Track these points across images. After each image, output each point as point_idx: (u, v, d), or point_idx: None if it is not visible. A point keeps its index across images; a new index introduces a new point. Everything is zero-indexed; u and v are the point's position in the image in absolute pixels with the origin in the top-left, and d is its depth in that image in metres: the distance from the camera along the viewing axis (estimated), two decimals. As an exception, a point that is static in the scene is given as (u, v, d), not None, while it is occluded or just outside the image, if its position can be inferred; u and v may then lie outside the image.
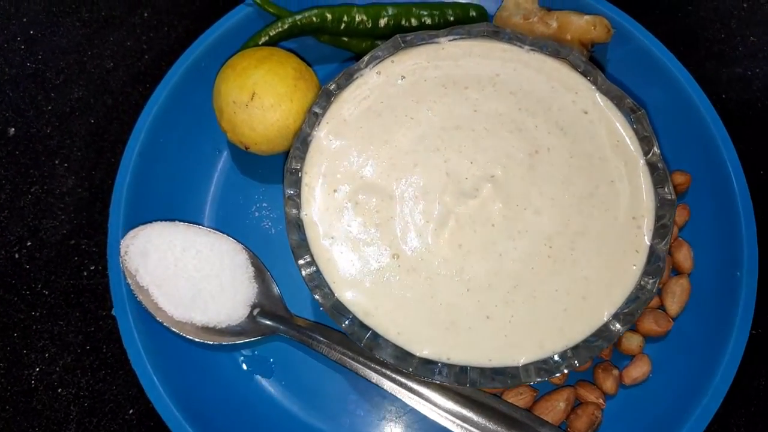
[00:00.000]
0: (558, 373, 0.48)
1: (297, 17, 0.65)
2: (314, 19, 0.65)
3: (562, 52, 0.56)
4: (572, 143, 0.54)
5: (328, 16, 0.65)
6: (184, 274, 0.58)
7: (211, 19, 0.72)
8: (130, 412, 0.59)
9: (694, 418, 0.54)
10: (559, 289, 0.50)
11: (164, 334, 0.57)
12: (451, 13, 0.67)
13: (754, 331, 0.61)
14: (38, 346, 0.61)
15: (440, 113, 0.55)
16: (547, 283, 0.50)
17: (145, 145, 0.61)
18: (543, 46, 0.56)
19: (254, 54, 0.60)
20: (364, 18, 0.66)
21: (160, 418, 0.54)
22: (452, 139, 0.54)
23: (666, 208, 0.52)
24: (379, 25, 0.66)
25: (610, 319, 0.49)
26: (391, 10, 0.66)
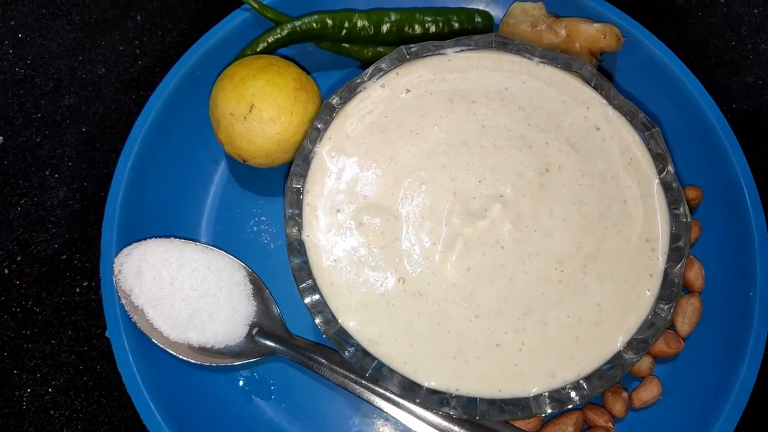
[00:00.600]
0: (571, 405, 0.46)
1: (296, 23, 0.62)
2: (314, 25, 0.63)
3: (574, 64, 0.54)
4: (584, 161, 0.52)
5: (329, 23, 0.63)
6: (180, 293, 0.56)
7: (207, 23, 0.70)
8: (125, 434, 0.58)
9: (707, 444, 0.52)
10: (570, 315, 0.48)
11: (160, 356, 0.55)
12: (455, 19, 0.65)
13: (768, 353, 0.59)
14: (29, 366, 0.59)
15: (447, 129, 0.53)
16: (558, 310, 0.48)
17: (139, 158, 0.59)
18: (553, 59, 0.54)
19: (252, 63, 0.58)
20: (366, 24, 0.64)
21: (157, 443, 0.52)
22: (459, 156, 0.52)
23: (681, 230, 0.50)
24: (382, 31, 0.64)
25: (624, 347, 0.48)
26: (393, 16, 0.64)
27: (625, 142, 0.52)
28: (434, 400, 0.47)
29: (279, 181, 0.62)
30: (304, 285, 0.49)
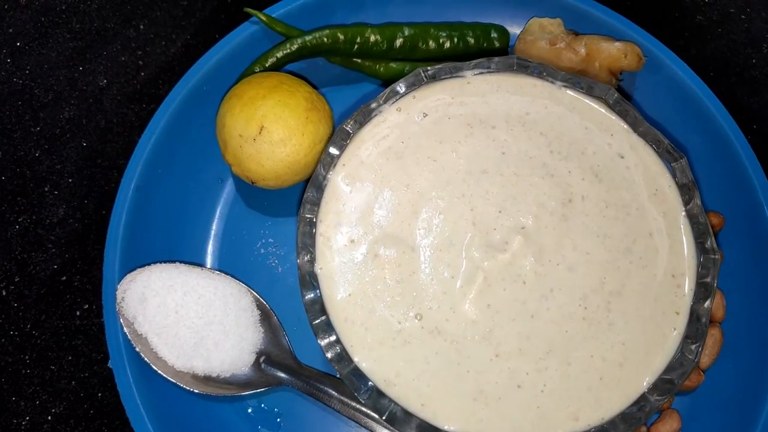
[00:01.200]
0: (594, 450, 0.45)
1: (307, 38, 0.60)
2: (325, 40, 0.60)
3: (597, 89, 0.52)
4: (608, 191, 0.50)
5: (341, 37, 0.61)
6: (186, 321, 0.54)
7: (212, 33, 0.68)
8: (128, 464, 0.56)
9: (729, 482, 0.51)
10: (594, 355, 0.46)
11: (164, 386, 0.53)
12: (471, 34, 0.63)
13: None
14: (28, 393, 0.57)
15: (466, 155, 0.51)
16: (581, 349, 0.47)
17: (143, 178, 0.57)
18: (576, 83, 0.52)
19: (262, 82, 0.56)
20: (379, 39, 0.61)
21: (161, 478, 0.51)
22: (479, 185, 0.50)
23: (708, 265, 0.48)
24: (395, 46, 0.62)
25: (649, 389, 0.46)
26: (407, 31, 0.62)
27: (651, 171, 0.50)
28: (453, 444, 0.45)
29: (288, 201, 0.60)
30: (318, 321, 0.47)
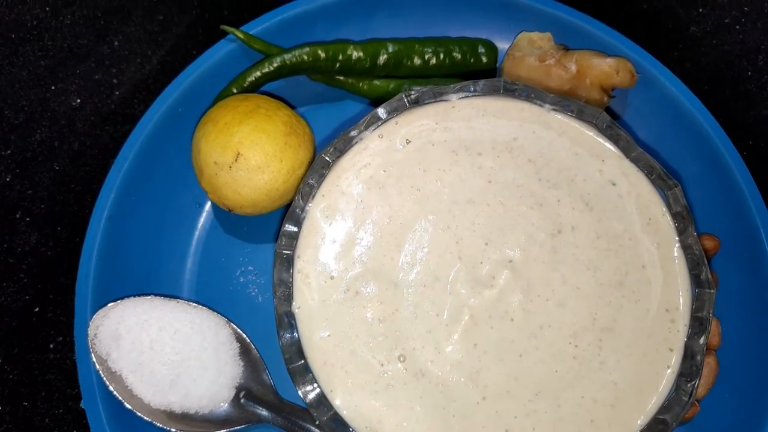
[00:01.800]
0: (585, 498, 0.43)
1: (286, 57, 0.58)
2: (306, 58, 0.58)
3: (587, 112, 0.50)
4: (599, 221, 0.48)
5: (322, 55, 0.58)
6: (161, 357, 0.52)
7: (189, 49, 0.66)
8: (104, 504, 0.54)
9: None
10: (585, 396, 0.45)
11: (140, 424, 0.51)
12: (457, 49, 0.61)
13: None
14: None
15: (451, 184, 0.49)
16: (572, 389, 0.45)
17: (115, 207, 0.55)
18: (566, 106, 0.50)
19: (238, 106, 0.53)
20: (362, 56, 0.59)
21: None
22: (464, 216, 0.48)
23: (703, 299, 0.46)
24: (378, 63, 0.59)
25: (643, 430, 0.44)
26: (391, 47, 0.60)
27: (644, 199, 0.48)
28: (439, 493, 0.43)
29: (268, 226, 0.58)
30: (295, 365, 0.44)
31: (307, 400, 0.44)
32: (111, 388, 0.51)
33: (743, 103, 0.66)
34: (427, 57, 0.60)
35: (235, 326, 0.54)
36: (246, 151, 0.51)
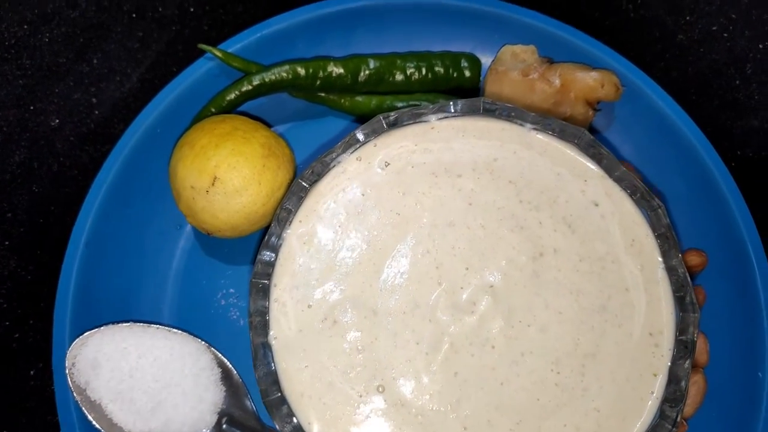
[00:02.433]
0: None
1: (265, 75, 0.57)
2: (285, 75, 0.57)
3: (569, 131, 0.49)
4: (581, 243, 0.47)
5: (301, 72, 0.57)
6: (141, 385, 0.51)
7: (169, 66, 0.65)
8: None
9: None
10: (567, 424, 0.44)
11: (121, 453, 0.50)
12: (440, 64, 0.60)
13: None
14: (-20, 460, 0.55)
15: (430, 208, 0.48)
16: (554, 418, 0.44)
17: (93, 232, 0.54)
18: (547, 125, 0.49)
19: (214, 129, 0.52)
20: (343, 72, 0.58)
21: None
22: (444, 240, 0.47)
23: (687, 322, 0.45)
24: (360, 79, 0.59)
25: (626, 459, 0.44)
26: (372, 63, 0.59)
27: (627, 220, 0.48)
28: None
29: (248, 247, 0.57)
30: (272, 398, 0.44)
31: (284, 432, 0.44)
32: (90, 417, 0.50)
33: (731, 113, 0.65)
34: (409, 72, 0.59)
35: (216, 351, 0.54)
36: (223, 175, 0.51)
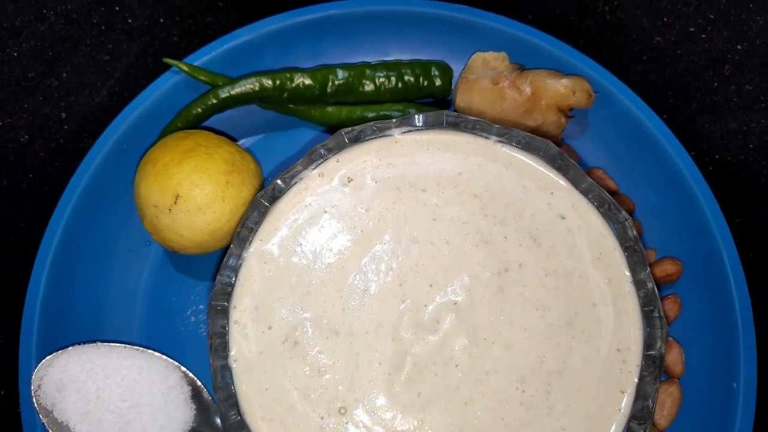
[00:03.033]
0: None
1: (231, 88, 0.56)
2: (252, 88, 0.56)
3: (534, 144, 0.48)
4: (547, 257, 0.46)
5: (268, 84, 0.57)
6: (109, 406, 0.51)
7: (139, 78, 0.64)
8: None
9: None
10: (533, 443, 0.43)
11: (89, 475, 0.50)
12: (410, 72, 0.59)
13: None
14: (-52, 485, 0.54)
15: (394, 223, 0.47)
16: (519, 437, 0.43)
17: (60, 252, 0.53)
18: (512, 137, 0.48)
19: (177, 146, 0.52)
20: (311, 83, 0.57)
21: None
22: (408, 256, 0.46)
23: (655, 336, 0.45)
24: (329, 90, 0.58)
25: (593, 478, 0.43)
26: (341, 74, 0.58)
27: (594, 233, 0.47)
28: None
29: (218, 263, 0.56)
30: (232, 422, 0.43)
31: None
32: (56, 439, 0.50)
33: (709, 116, 0.64)
34: (379, 82, 0.59)
35: (186, 369, 0.53)
36: (185, 193, 0.50)
